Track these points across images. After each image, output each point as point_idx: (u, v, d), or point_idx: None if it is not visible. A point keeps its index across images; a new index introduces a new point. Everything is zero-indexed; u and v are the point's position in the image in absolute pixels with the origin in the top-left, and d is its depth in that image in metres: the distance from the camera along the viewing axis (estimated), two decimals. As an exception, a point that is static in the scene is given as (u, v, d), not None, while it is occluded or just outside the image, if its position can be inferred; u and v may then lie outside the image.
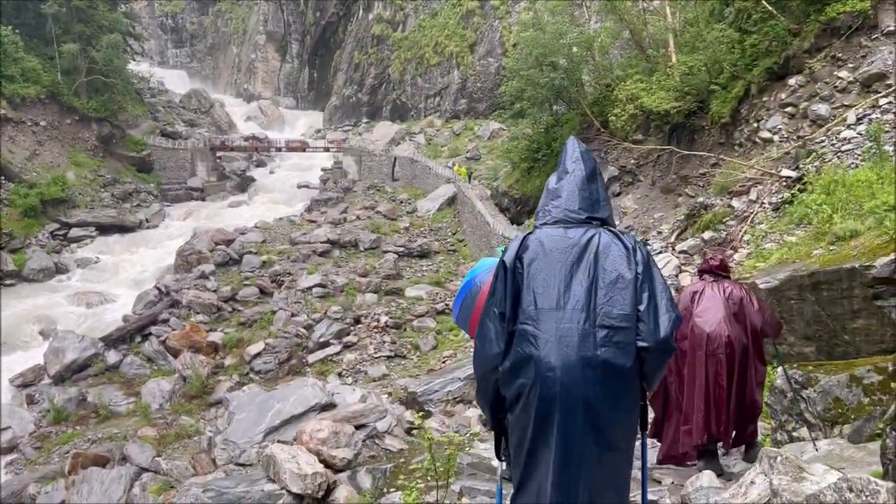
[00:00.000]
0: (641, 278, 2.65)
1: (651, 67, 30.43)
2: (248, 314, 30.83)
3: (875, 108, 19.20)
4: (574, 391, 2.53)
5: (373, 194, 51.80)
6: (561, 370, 2.54)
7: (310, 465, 10.55)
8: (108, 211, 45.90)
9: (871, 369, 4.68)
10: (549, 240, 2.77)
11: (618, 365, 2.56)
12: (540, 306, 2.65)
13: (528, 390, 2.60)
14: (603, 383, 2.54)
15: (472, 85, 65.68)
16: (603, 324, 2.59)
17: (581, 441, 2.54)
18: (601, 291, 2.63)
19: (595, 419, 2.54)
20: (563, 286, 2.66)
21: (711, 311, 5.05)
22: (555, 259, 2.71)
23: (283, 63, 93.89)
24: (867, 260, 6.85)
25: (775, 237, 15.66)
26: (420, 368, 25.98)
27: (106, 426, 23.02)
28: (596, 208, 2.86)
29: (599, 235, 2.75)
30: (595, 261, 2.68)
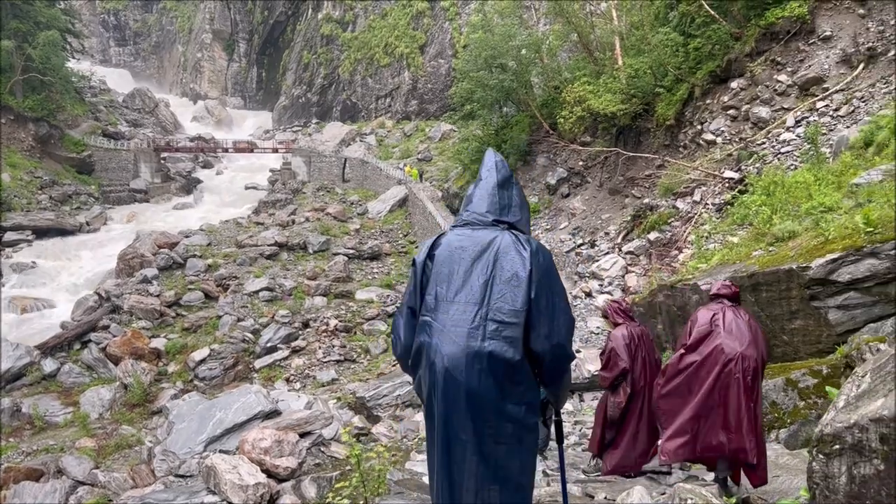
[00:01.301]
0: (537, 280, 2.73)
1: (598, 70, 30.74)
2: (193, 319, 30.06)
3: (812, 111, 19.74)
4: (458, 379, 2.61)
5: (323, 196, 51.21)
6: (448, 358, 2.64)
7: (252, 475, 10.24)
8: (46, 214, 44.26)
9: (807, 372, 4.67)
10: (457, 239, 2.91)
11: (505, 357, 2.63)
12: (438, 299, 2.79)
13: (423, 379, 2.74)
14: (488, 374, 2.61)
15: (423, 86, 65.54)
16: (494, 318, 2.67)
17: (462, 429, 2.61)
18: (496, 288, 2.73)
19: (478, 409, 2.61)
20: (461, 281, 2.78)
21: (737, 333, 5.03)
22: (458, 256, 2.84)
23: (230, 62, 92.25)
24: (804, 261, 6.90)
25: (718, 238, 15.90)
26: (370, 372, 25.69)
27: (41, 438, 22.09)
28: (505, 213, 2.99)
29: (503, 237, 2.86)
30: (494, 259, 2.79)
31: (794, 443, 4.39)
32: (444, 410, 2.65)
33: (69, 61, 58.72)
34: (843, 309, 6.49)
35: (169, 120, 74.95)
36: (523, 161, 35.34)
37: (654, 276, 15.98)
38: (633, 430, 5.84)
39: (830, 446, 1.99)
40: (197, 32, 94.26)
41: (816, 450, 2.05)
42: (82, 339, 28.50)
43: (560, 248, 27.46)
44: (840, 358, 4.76)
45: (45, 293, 35.31)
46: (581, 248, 26.29)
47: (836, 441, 1.97)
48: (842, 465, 1.94)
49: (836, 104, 19.17)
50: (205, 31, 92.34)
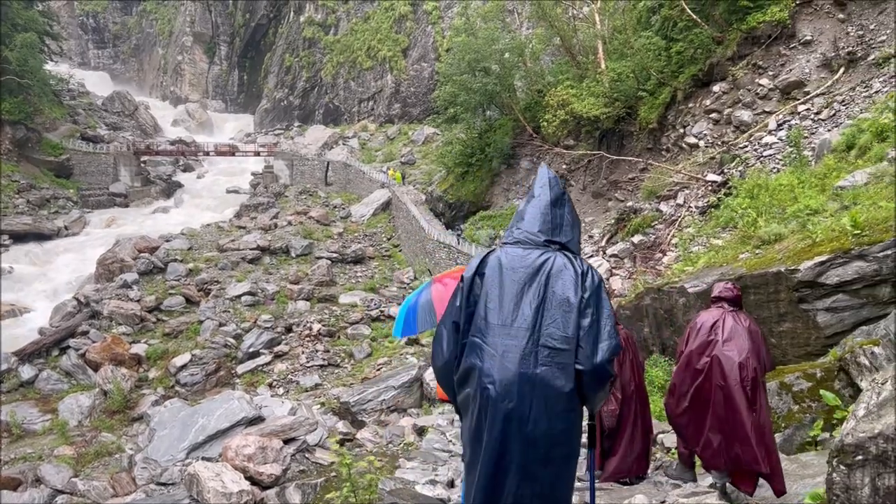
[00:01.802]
0: (587, 302, 2.75)
1: (581, 74, 30.83)
2: (174, 324, 29.72)
3: (794, 115, 19.89)
4: (510, 405, 2.63)
5: (305, 199, 50.94)
6: (500, 384, 2.65)
7: (235, 482, 10.11)
8: (24, 218, 43.66)
9: (801, 376, 4.63)
10: (508, 259, 2.90)
11: (556, 385, 2.66)
12: (490, 321, 2.78)
13: (472, 399, 2.76)
14: (540, 400, 2.64)
15: (406, 89, 65.45)
16: (546, 344, 2.69)
17: (513, 452, 2.64)
18: (548, 313, 2.75)
19: (529, 434, 2.63)
20: (513, 304, 2.78)
21: (737, 340, 4.97)
22: (509, 278, 2.84)
23: (211, 65, 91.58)
24: (792, 264, 6.90)
25: (702, 240, 15.95)
26: (354, 377, 25.51)
27: (19, 446, 21.70)
28: (557, 232, 2.98)
29: (554, 259, 2.86)
30: (546, 283, 2.80)
31: (788, 447, 4.35)
32: (496, 435, 2.66)
33: (47, 64, 57.96)
34: (832, 311, 6.49)
35: (149, 123, 74.28)
36: (507, 164, 35.36)
37: (640, 279, 16.01)
38: (629, 435, 5.78)
39: (853, 457, 1.93)
40: (177, 35, 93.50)
41: (837, 460, 1.99)
42: (61, 345, 28.09)
43: (544, 251, 27.45)
44: (833, 361, 4.74)
45: (23, 299, 34.78)
46: (565, 251, 26.27)
47: (858, 451, 1.91)
48: (864, 477, 1.89)
49: (818, 108, 19.32)
50: (185, 33, 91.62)
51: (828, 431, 4.24)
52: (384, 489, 4.37)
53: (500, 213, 33.35)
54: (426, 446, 8.34)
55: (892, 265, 6.09)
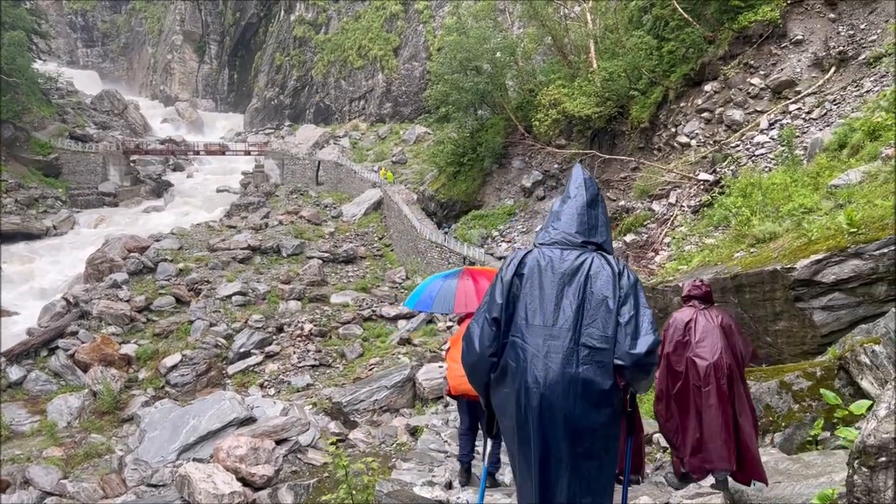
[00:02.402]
0: (624, 300, 2.84)
1: (573, 73, 30.84)
2: (164, 324, 29.51)
3: (785, 114, 19.95)
4: (555, 404, 2.73)
5: (296, 199, 50.74)
6: (544, 384, 2.74)
7: (227, 484, 10.02)
8: (12, 218, 43.27)
9: (801, 375, 4.60)
10: (546, 260, 2.97)
11: (597, 382, 2.75)
12: (530, 322, 2.86)
13: (513, 397, 2.83)
14: (583, 398, 2.74)
15: (397, 89, 65.32)
16: (586, 343, 2.78)
17: (559, 449, 2.74)
18: (588, 313, 2.83)
19: (574, 431, 2.74)
20: (553, 305, 2.86)
21: (710, 339, 5.00)
22: (548, 279, 2.91)
23: (201, 64, 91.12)
24: (788, 262, 6.87)
25: (695, 239, 15.96)
26: (346, 377, 25.40)
27: (7, 447, 21.44)
28: (593, 233, 3.07)
29: (592, 259, 2.95)
30: (585, 283, 2.88)
31: (789, 446, 4.32)
32: (541, 432, 2.76)
33: (35, 62, 57.54)
34: (828, 310, 6.47)
35: (138, 122, 73.81)
36: (498, 164, 35.34)
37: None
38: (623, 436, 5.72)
39: (875, 458, 1.88)
40: (167, 34, 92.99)
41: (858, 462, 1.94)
42: (49, 346, 27.84)
43: (536, 250, 27.42)
44: (833, 360, 4.70)
45: (11, 299, 34.46)
46: (557, 250, 26.26)
47: (881, 453, 1.86)
48: (888, 479, 1.84)
49: (809, 107, 19.38)
50: (175, 32, 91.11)
51: (828, 430, 4.22)
52: (381, 491, 4.30)
53: (491, 213, 33.31)
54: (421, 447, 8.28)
55: (889, 263, 6.08)
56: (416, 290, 6.50)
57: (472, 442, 6.16)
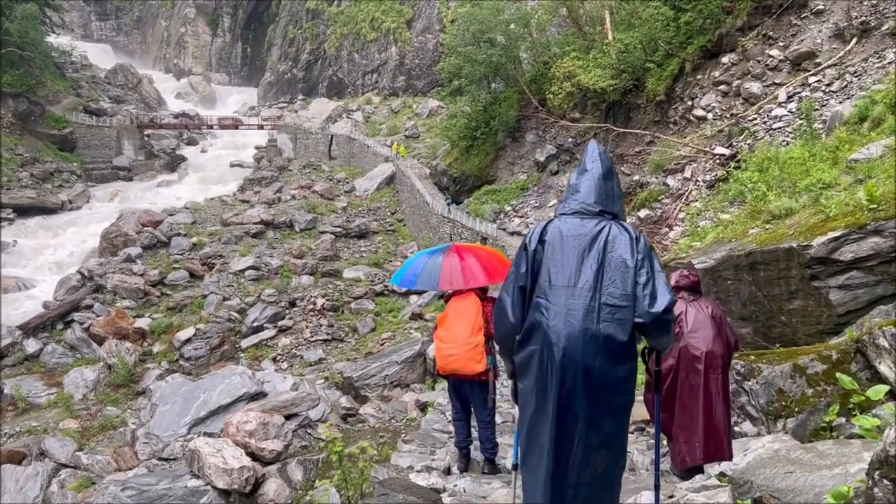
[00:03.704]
0: (641, 263, 3.05)
1: (588, 45, 30.28)
2: (178, 298, 29.69)
3: (804, 87, 19.47)
4: (576, 358, 2.90)
5: (309, 173, 50.63)
6: (566, 339, 2.93)
7: (236, 458, 10.01)
8: (27, 192, 43.55)
9: (815, 358, 4.44)
10: (567, 228, 3.19)
11: (617, 338, 2.93)
12: (553, 283, 3.06)
13: (536, 354, 3.00)
14: (603, 353, 2.91)
15: (411, 62, 64.72)
16: (607, 302, 2.98)
17: (579, 402, 2.89)
18: (607, 274, 3.04)
19: (594, 383, 2.90)
20: (574, 267, 3.06)
21: (703, 330, 4.97)
22: (570, 244, 3.13)
23: (214, 37, 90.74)
24: (804, 239, 6.67)
25: (710, 215, 15.69)
26: (358, 352, 25.49)
27: (24, 419, 21.79)
28: (609, 203, 3.29)
29: (610, 227, 3.17)
30: (604, 248, 3.09)
31: (802, 433, 4.18)
32: (562, 386, 2.92)
33: (49, 36, 57.48)
34: (845, 289, 6.27)
35: (152, 96, 73.81)
36: (512, 138, 34.96)
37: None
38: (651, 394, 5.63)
39: (901, 471, 1.73)
40: (180, 7, 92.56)
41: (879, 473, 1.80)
42: (65, 319, 28.14)
43: (549, 225, 27.18)
44: (850, 343, 4.54)
45: (27, 272, 34.83)
46: (570, 225, 26.02)
47: (908, 465, 1.71)
48: (914, 493, 1.70)
49: (829, 79, 18.89)
50: (188, 5, 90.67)
51: (843, 416, 4.08)
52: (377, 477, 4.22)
53: (504, 188, 33.03)
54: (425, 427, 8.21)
55: (910, 241, 5.88)
56: (403, 266, 6.51)
57: (467, 426, 6.18)
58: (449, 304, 6.01)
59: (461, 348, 5.61)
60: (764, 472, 3.26)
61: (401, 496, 3.52)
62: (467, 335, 5.64)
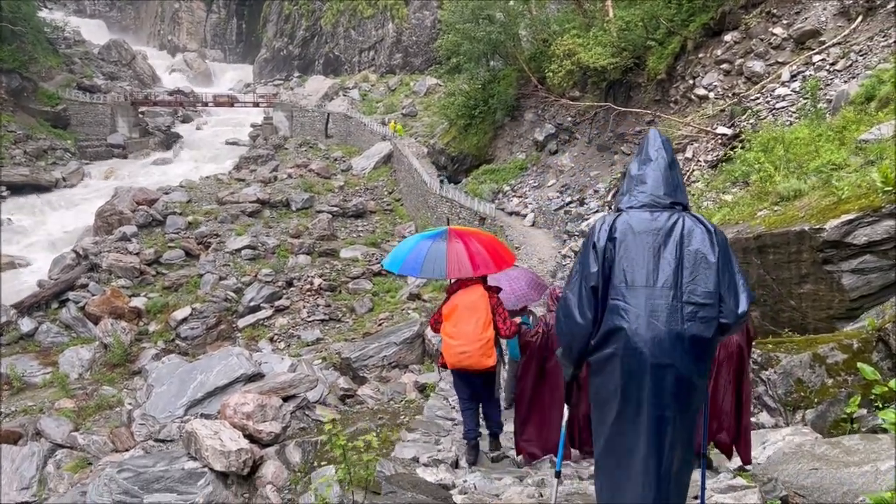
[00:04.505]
0: (722, 260, 2.91)
1: (588, 22, 29.91)
2: (174, 278, 29.53)
3: (808, 66, 19.20)
4: (663, 361, 2.80)
5: (305, 152, 50.24)
6: (651, 342, 2.81)
7: (234, 440, 9.90)
8: (21, 169, 43.13)
9: (835, 347, 4.29)
10: (638, 223, 3.01)
11: (703, 338, 2.83)
12: (630, 284, 2.91)
13: (617, 360, 2.88)
14: (689, 354, 2.82)
15: (408, 39, 64.04)
16: (689, 300, 2.85)
17: (668, 404, 2.82)
18: (686, 271, 2.90)
19: (682, 385, 2.82)
20: (651, 265, 2.92)
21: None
22: (643, 241, 2.97)
23: (209, 13, 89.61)
24: (817, 222, 6.50)
25: (712, 196, 15.51)
26: (356, 332, 25.40)
27: (20, 399, 21.71)
28: (678, 193, 3.12)
29: (683, 219, 3.00)
30: (681, 243, 2.94)
31: (822, 424, 4.05)
32: (653, 393, 2.81)
33: (41, 11, 56.71)
34: (858, 273, 6.13)
35: (147, 73, 72.98)
36: (510, 116, 34.64)
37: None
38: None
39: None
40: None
41: None
42: (60, 298, 28.01)
43: (548, 206, 27.02)
44: (871, 331, 4.41)
45: (21, 251, 34.59)
46: (570, 206, 25.87)
47: None
48: None
49: (833, 58, 18.62)
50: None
51: (865, 408, 3.95)
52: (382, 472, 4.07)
53: (503, 167, 32.77)
54: (428, 413, 8.08)
55: (926, 224, 5.72)
56: (399, 251, 6.16)
57: (476, 417, 6.01)
58: (455, 297, 5.74)
59: (474, 345, 5.45)
60: (787, 468, 3.13)
61: (409, 494, 3.39)
62: (479, 331, 5.47)
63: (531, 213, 27.84)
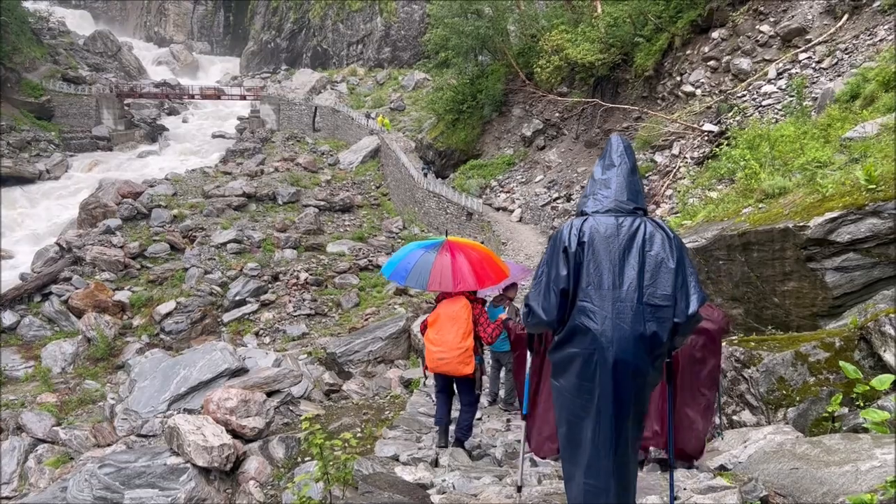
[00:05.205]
0: (679, 264, 3.07)
1: (576, 18, 29.91)
2: (158, 271, 29.29)
3: (794, 63, 19.29)
4: (628, 360, 2.97)
5: (292, 145, 49.97)
6: (618, 342, 2.98)
7: (217, 436, 9.82)
8: (3, 161, 42.64)
9: (818, 345, 4.28)
10: (605, 228, 3.16)
11: (660, 337, 3.01)
12: (597, 286, 3.08)
13: (580, 359, 3.05)
14: (649, 353, 3.01)
15: (396, 33, 63.81)
16: (649, 302, 3.02)
17: (629, 396, 3.00)
18: (647, 274, 3.06)
19: (641, 381, 3.02)
20: (617, 269, 3.08)
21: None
22: (609, 245, 3.12)
23: (196, 5, 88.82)
24: (801, 220, 6.50)
25: (698, 192, 15.55)
26: (342, 326, 25.31)
27: (1, 393, 21.47)
28: (639, 199, 3.29)
29: (645, 224, 3.16)
30: (643, 248, 3.09)
31: (803, 423, 4.04)
32: (614, 386, 2.98)
33: (25, 1, 55.95)
34: (842, 271, 6.14)
35: (132, 64, 72.27)
36: (498, 112, 34.60)
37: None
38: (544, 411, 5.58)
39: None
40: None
41: None
42: (43, 292, 27.70)
43: (535, 201, 27.03)
44: (853, 329, 4.40)
45: (3, 243, 34.17)
46: (557, 201, 25.89)
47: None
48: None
49: (819, 56, 18.71)
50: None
51: (846, 406, 3.94)
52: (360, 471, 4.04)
53: (490, 162, 32.74)
54: (410, 410, 8.04)
55: (908, 223, 5.73)
56: (395, 257, 6.50)
57: (448, 404, 6.36)
58: (440, 306, 6.06)
59: (452, 353, 5.76)
60: (768, 467, 3.12)
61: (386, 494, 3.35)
62: (458, 340, 5.77)
63: (518, 208, 27.84)
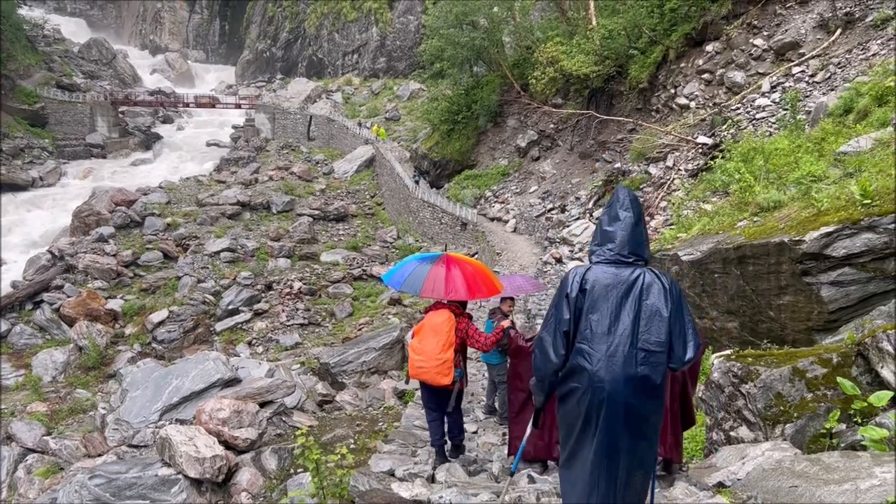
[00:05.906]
0: (674, 313, 3.34)
1: (571, 30, 30.05)
2: (151, 280, 29.15)
3: (788, 77, 19.40)
4: (618, 399, 3.25)
5: (287, 154, 49.97)
6: (609, 382, 3.27)
7: (209, 447, 9.75)
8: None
9: (815, 361, 4.27)
10: (605, 276, 3.45)
11: (652, 379, 3.28)
12: (594, 330, 3.36)
13: (579, 393, 3.36)
14: (640, 392, 3.27)
15: (392, 43, 63.99)
16: (643, 347, 3.29)
17: (621, 434, 3.26)
18: (642, 322, 3.32)
19: (632, 419, 3.27)
20: (613, 316, 3.35)
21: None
22: (610, 293, 3.40)
23: (191, 13, 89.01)
24: (796, 234, 6.51)
25: (692, 204, 15.58)
26: (335, 336, 25.21)
27: (-9, 402, 21.28)
28: (641, 249, 3.54)
29: (644, 275, 3.43)
30: (639, 296, 3.36)
31: (800, 439, 4.03)
32: (608, 423, 3.26)
33: (20, 8, 56.02)
34: (837, 285, 6.14)
35: (127, 72, 72.28)
36: (493, 123, 34.69)
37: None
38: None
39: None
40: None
41: None
42: (34, 299, 27.55)
43: (530, 212, 27.05)
44: (850, 345, 4.39)
45: (-5, 251, 33.98)
46: (551, 212, 25.91)
47: None
48: None
49: (813, 70, 18.83)
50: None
51: (844, 423, 3.93)
52: (356, 487, 4.00)
53: (485, 173, 32.79)
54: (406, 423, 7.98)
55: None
56: (395, 267, 6.75)
57: (441, 426, 6.54)
58: (427, 317, 6.29)
59: (431, 363, 5.99)
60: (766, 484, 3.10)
61: (383, 510, 3.33)
62: (437, 351, 5.99)
63: (513, 218, 27.86)
